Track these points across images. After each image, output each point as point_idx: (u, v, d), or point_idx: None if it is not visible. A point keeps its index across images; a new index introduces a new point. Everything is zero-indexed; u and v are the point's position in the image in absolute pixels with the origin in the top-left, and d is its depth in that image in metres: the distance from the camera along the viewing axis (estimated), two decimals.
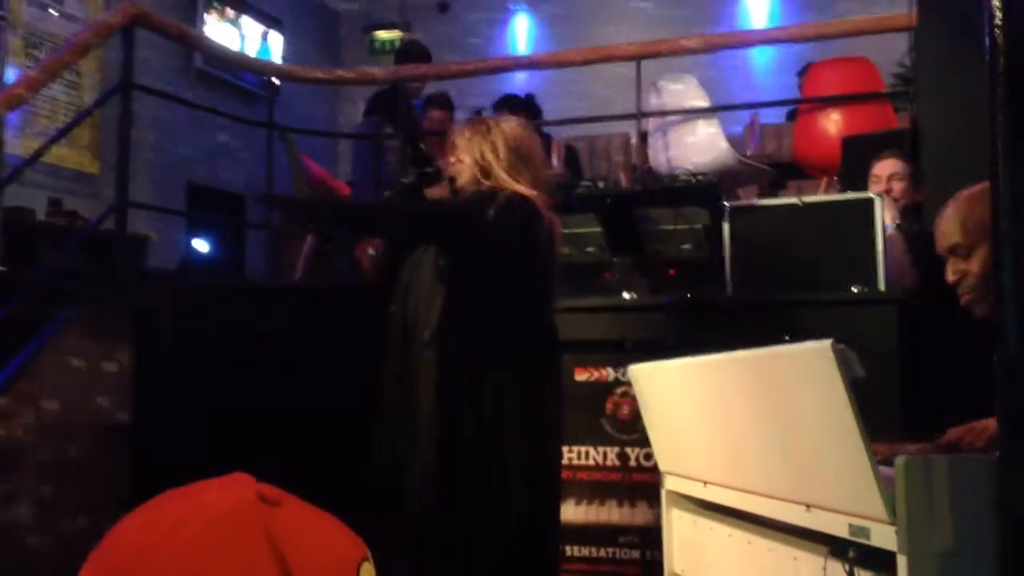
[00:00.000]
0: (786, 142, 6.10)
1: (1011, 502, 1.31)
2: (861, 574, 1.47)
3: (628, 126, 6.39)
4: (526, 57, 8.47)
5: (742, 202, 3.77)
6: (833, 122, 4.83)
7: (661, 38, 5.84)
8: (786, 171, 5.42)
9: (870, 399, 1.51)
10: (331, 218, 3.39)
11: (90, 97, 6.64)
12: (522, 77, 8.48)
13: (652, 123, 4.87)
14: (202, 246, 7.66)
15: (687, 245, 3.74)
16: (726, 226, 3.44)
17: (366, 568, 0.79)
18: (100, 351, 3.68)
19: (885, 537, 1.36)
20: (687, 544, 2.23)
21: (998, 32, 1.34)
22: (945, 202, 2.06)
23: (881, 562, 1.39)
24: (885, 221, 3.26)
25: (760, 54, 8.26)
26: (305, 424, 3.85)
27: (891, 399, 2.92)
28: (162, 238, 6.76)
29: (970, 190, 1.94)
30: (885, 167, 3.71)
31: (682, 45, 5.33)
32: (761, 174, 4.84)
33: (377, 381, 2.85)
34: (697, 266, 3.72)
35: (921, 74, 3.93)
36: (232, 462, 0.87)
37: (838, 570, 1.50)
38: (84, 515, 3.49)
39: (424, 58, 5.82)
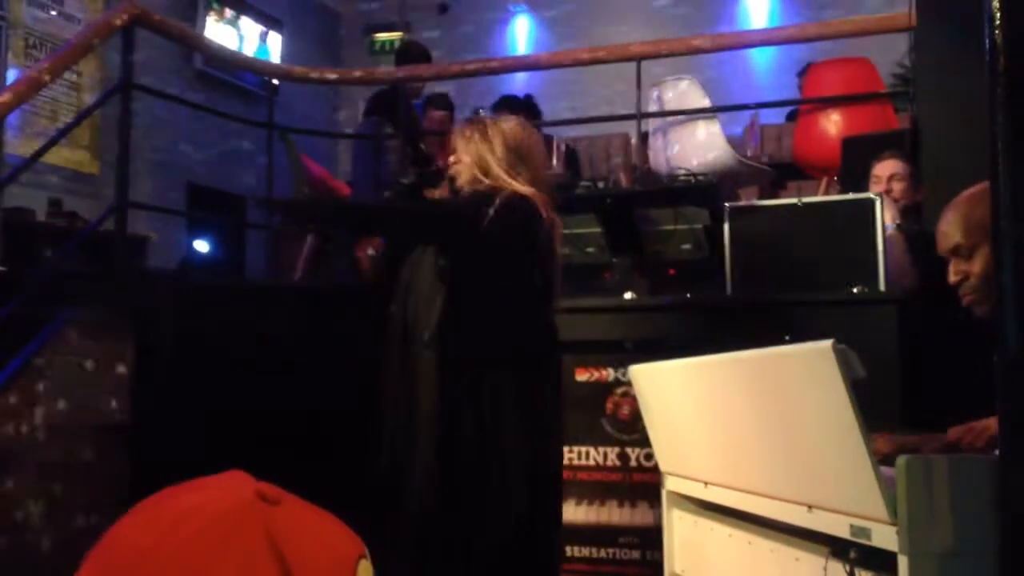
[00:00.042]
0: (786, 142, 6.10)
1: (1011, 502, 1.31)
2: (862, 574, 1.46)
3: (628, 126, 6.40)
4: (526, 57, 8.48)
5: (742, 202, 3.77)
6: (833, 122, 4.83)
7: (661, 38, 5.84)
8: (786, 171, 5.42)
9: (870, 399, 1.51)
10: (331, 218, 3.39)
11: (90, 97, 6.64)
12: (522, 77, 8.48)
13: (652, 123, 4.87)
14: (202, 246, 7.66)
15: (687, 245, 3.74)
16: (726, 226, 3.44)
17: (364, 565, 0.79)
18: (100, 351, 3.68)
19: (886, 537, 1.36)
20: (688, 544, 2.23)
21: (998, 32, 1.34)
22: (945, 202, 2.06)
23: (882, 562, 1.39)
24: (885, 221, 3.26)
25: (760, 54, 8.26)
26: (305, 424, 3.85)
27: (891, 399, 2.92)
28: (162, 238, 6.76)
29: (972, 191, 1.94)
30: (885, 167, 3.72)
31: (682, 45, 5.33)
32: (761, 174, 4.84)
33: (377, 381, 2.85)
34: (697, 266, 3.72)
35: (921, 74, 3.92)
36: (232, 462, 0.87)
37: (839, 570, 1.50)
38: (84, 515, 3.50)
39: (424, 59, 5.82)
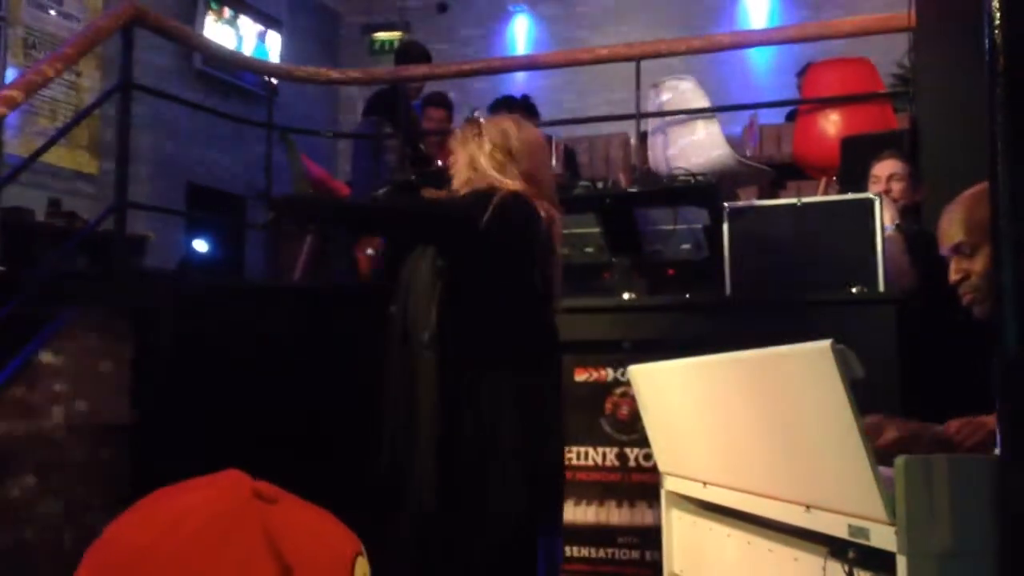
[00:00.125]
0: (785, 142, 6.11)
1: (1011, 502, 1.31)
2: (861, 575, 1.47)
3: (627, 126, 6.40)
4: (526, 57, 8.48)
5: (741, 202, 3.77)
6: (832, 122, 4.83)
7: (661, 38, 5.84)
8: (785, 172, 5.42)
9: (870, 399, 1.51)
10: (331, 218, 3.40)
11: (89, 97, 6.64)
12: (522, 77, 8.48)
13: (651, 123, 4.87)
14: (201, 246, 7.66)
15: (686, 245, 3.74)
16: (725, 226, 3.44)
17: (360, 563, 0.80)
18: (100, 351, 3.68)
19: (885, 538, 1.36)
20: (687, 544, 2.23)
21: (997, 32, 1.35)
22: (945, 203, 2.06)
23: (881, 563, 1.39)
24: (884, 221, 3.26)
25: (760, 54, 8.26)
26: (305, 424, 3.85)
27: (891, 399, 2.92)
28: (161, 238, 6.76)
29: (974, 189, 1.94)
30: (884, 167, 3.72)
31: (682, 45, 5.33)
32: (760, 175, 4.84)
33: (377, 381, 2.85)
34: (696, 266, 3.72)
35: (920, 74, 3.93)
36: (232, 462, 0.87)
37: (838, 571, 1.50)
38: (83, 514, 3.50)
39: (423, 58, 5.82)
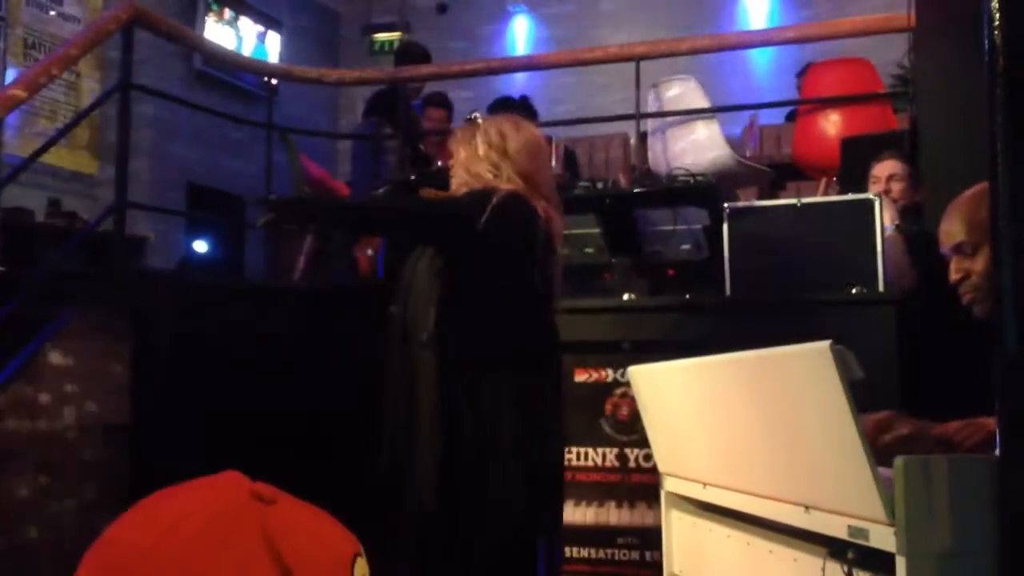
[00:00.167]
0: (785, 143, 6.11)
1: (1010, 502, 1.31)
2: (860, 575, 1.47)
3: (627, 127, 6.40)
4: (526, 58, 8.48)
5: (741, 203, 3.77)
6: (832, 123, 4.83)
7: (660, 39, 5.84)
8: (785, 172, 5.42)
9: (870, 400, 1.51)
10: (330, 218, 3.40)
11: (89, 97, 6.65)
12: (521, 78, 8.48)
13: (651, 124, 4.87)
14: (201, 246, 7.66)
15: (686, 246, 3.74)
16: (725, 227, 3.44)
17: (360, 563, 0.80)
18: (99, 352, 3.68)
19: (884, 538, 1.36)
20: (686, 545, 2.23)
21: (997, 33, 1.35)
22: (945, 203, 2.06)
23: (880, 563, 1.39)
24: (884, 222, 3.26)
25: (759, 55, 8.26)
26: (305, 424, 3.85)
27: (891, 399, 2.92)
28: (161, 238, 6.77)
29: (975, 189, 1.93)
30: (884, 168, 3.72)
31: (682, 45, 5.33)
32: (760, 175, 4.84)
33: (377, 381, 2.85)
34: (696, 267, 3.73)
35: (920, 75, 3.93)
36: (232, 462, 0.87)
37: (837, 571, 1.50)
38: (83, 514, 3.50)
39: (423, 59, 5.83)
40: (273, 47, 8.82)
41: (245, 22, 8.52)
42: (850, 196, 3.42)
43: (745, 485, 1.83)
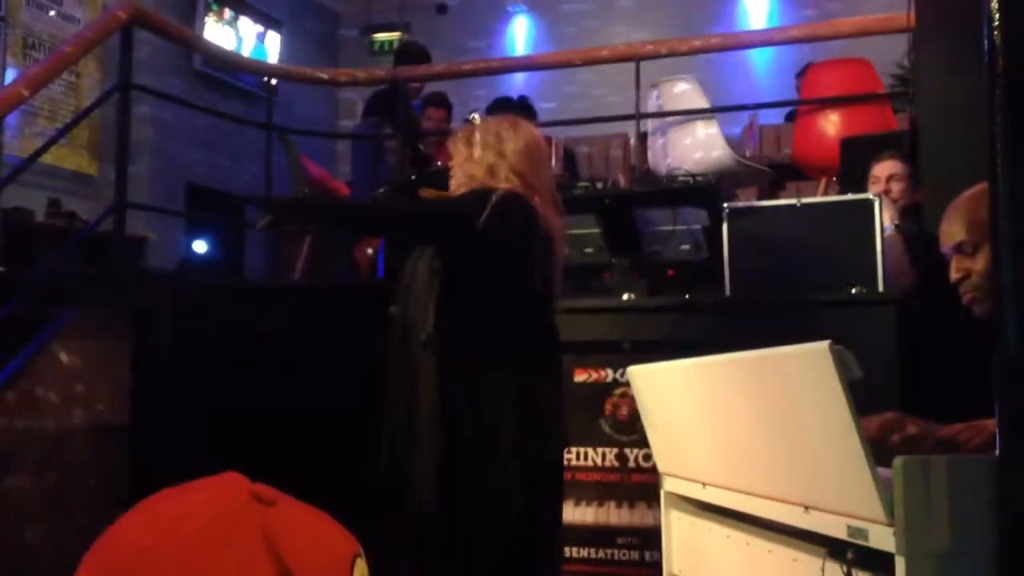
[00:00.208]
0: (785, 143, 6.11)
1: (1010, 502, 1.31)
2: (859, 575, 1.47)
3: (627, 127, 6.40)
4: (525, 58, 8.49)
5: (741, 203, 3.77)
6: (832, 123, 4.83)
7: (660, 39, 5.85)
8: (785, 172, 5.42)
9: (869, 400, 1.51)
10: (330, 219, 3.40)
11: (89, 97, 6.65)
12: (521, 78, 8.49)
13: (651, 124, 4.87)
14: (201, 247, 7.66)
15: (686, 246, 3.74)
16: (725, 227, 3.44)
17: (360, 565, 0.80)
18: (99, 352, 3.68)
19: (883, 538, 1.36)
20: (686, 545, 2.23)
21: (996, 33, 1.35)
22: (945, 203, 2.06)
23: (879, 563, 1.39)
24: (884, 222, 3.26)
25: (759, 55, 8.27)
26: (305, 424, 3.85)
27: (891, 399, 2.92)
28: (161, 239, 6.76)
29: (977, 188, 1.93)
30: (884, 168, 3.72)
31: (682, 45, 5.33)
32: (760, 175, 4.84)
33: (377, 381, 2.85)
34: (696, 267, 3.73)
35: (920, 75, 3.93)
36: (232, 462, 0.87)
37: (836, 571, 1.50)
38: (83, 514, 3.50)
39: (423, 59, 5.83)
40: (273, 47, 8.82)
41: (245, 22, 8.52)
42: (850, 196, 3.42)
43: (744, 485, 1.83)
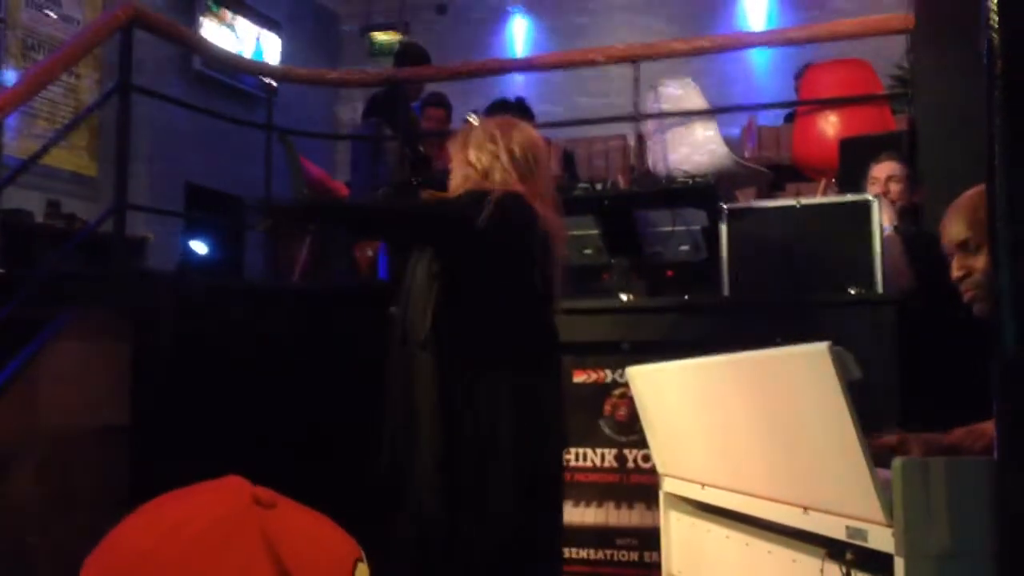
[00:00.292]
0: (784, 144, 6.11)
1: (1008, 503, 1.32)
2: None
3: (626, 128, 6.40)
4: (525, 59, 8.48)
5: (740, 204, 3.77)
6: (831, 124, 4.83)
7: (660, 40, 5.85)
8: (784, 173, 5.43)
9: (869, 400, 1.51)
10: (329, 220, 3.40)
11: (88, 99, 6.64)
12: (520, 79, 8.49)
13: (650, 125, 4.87)
14: (200, 247, 7.66)
15: (685, 247, 3.75)
16: (724, 228, 3.45)
17: (361, 568, 0.80)
18: (99, 352, 3.68)
19: (882, 539, 1.36)
20: (685, 546, 2.24)
21: (995, 35, 1.35)
22: (944, 204, 2.07)
23: (879, 564, 1.39)
24: (883, 223, 3.27)
25: (758, 56, 8.27)
26: (305, 425, 3.85)
27: (890, 400, 2.93)
28: (160, 239, 6.76)
29: (979, 187, 1.94)
30: (883, 169, 3.72)
31: (681, 46, 5.33)
32: (759, 176, 4.84)
33: (378, 382, 2.86)
34: (695, 268, 3.73)
35: (919, 76, 3.93)
36: (231, 463, 0.87)
37: (835, 572, 1.51)
38: (84, 515, 3.49)
39: (423, 60, 5.83)
40: (272, 48, 8.82)
41: (243, 23, 8.52)
42: (849, 197, 3.43)
43: (744, 486, 1.83)
